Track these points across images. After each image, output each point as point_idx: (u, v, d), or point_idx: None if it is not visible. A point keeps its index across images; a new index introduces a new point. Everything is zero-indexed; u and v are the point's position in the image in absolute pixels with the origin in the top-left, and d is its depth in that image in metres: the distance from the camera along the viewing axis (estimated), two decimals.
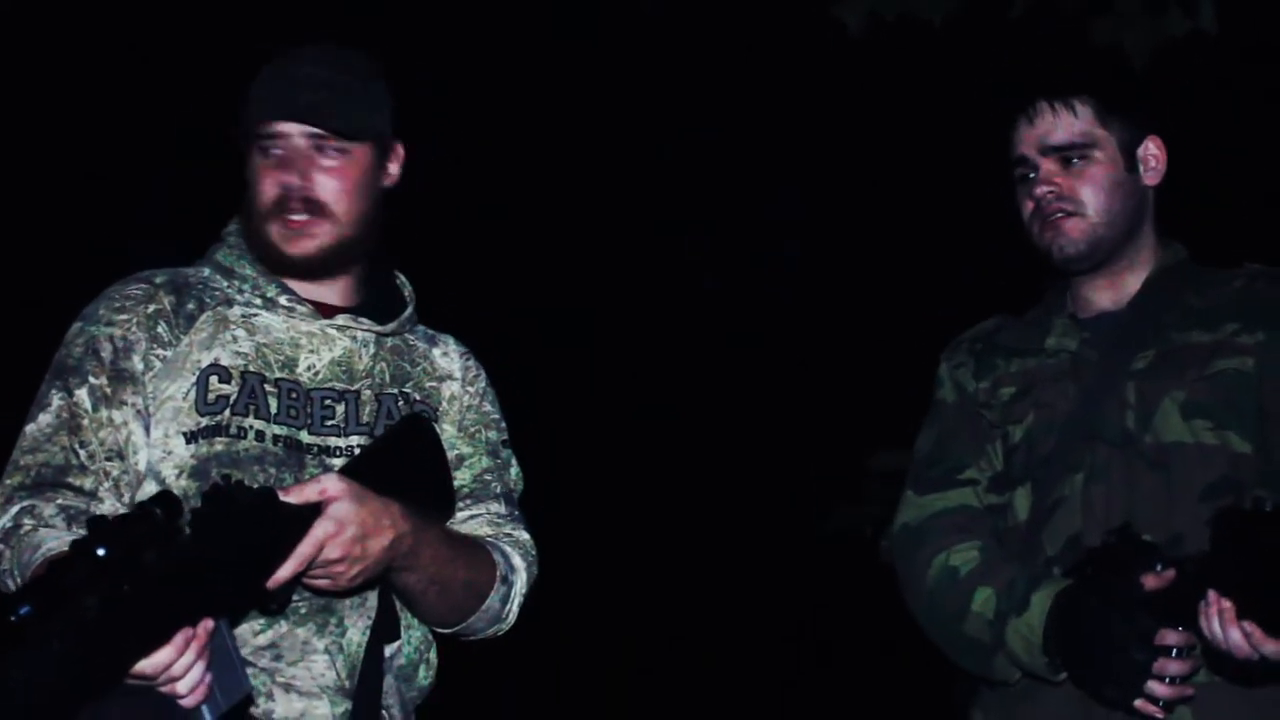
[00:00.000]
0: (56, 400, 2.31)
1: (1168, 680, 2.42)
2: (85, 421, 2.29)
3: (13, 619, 1.81)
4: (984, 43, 4.34)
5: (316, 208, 2.39)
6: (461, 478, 2.49)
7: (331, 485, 2.14)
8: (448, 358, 2.56)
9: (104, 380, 2.31)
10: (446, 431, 2.49)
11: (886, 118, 7.06)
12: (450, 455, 2.48)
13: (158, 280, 2.41)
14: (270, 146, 2.38)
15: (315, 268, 2.42)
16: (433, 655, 2.48)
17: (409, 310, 2.54)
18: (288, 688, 2.29)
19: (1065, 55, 3.87)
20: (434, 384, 2.52)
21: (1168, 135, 2.77)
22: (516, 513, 2.53)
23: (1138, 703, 2.43)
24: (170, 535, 1.94)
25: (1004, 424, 2.73)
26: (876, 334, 7.36)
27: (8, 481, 2.28)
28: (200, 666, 1.97)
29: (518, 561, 2.46)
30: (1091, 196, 2.68)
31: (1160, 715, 2.43)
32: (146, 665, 1.92)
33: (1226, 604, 2.30)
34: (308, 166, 2.38)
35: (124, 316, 2.36)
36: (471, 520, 2.47)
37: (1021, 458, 2.70)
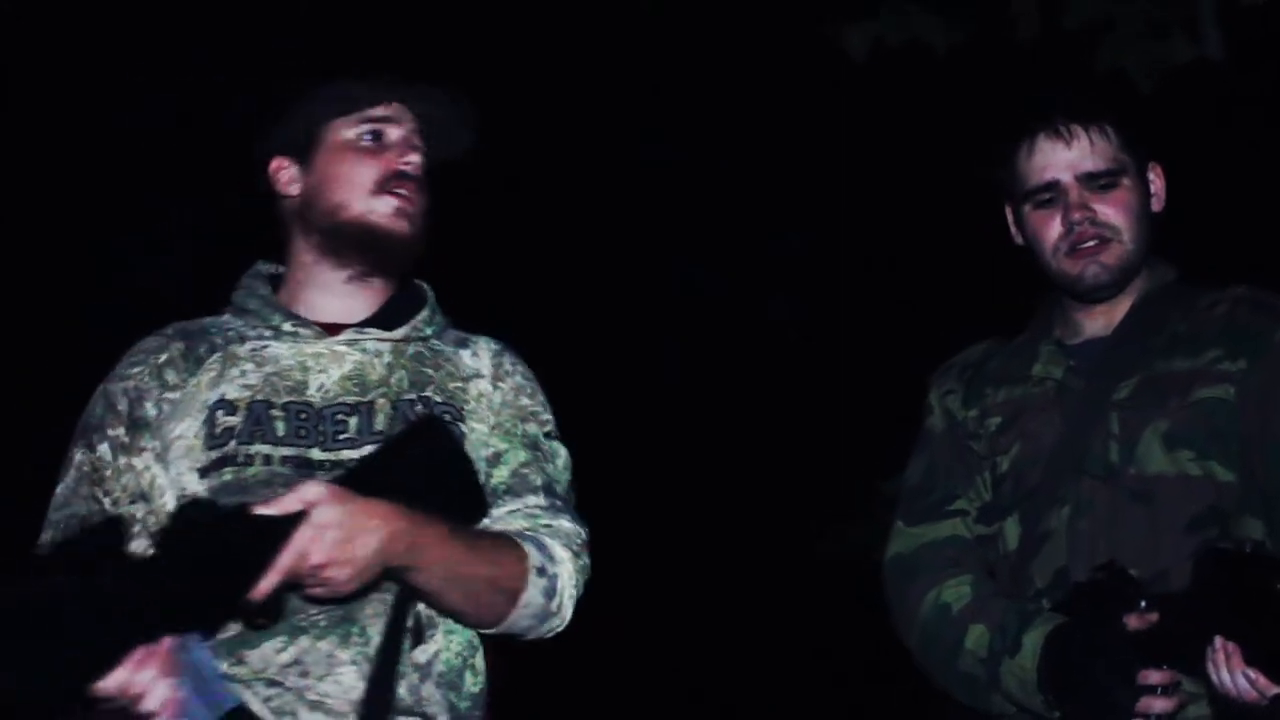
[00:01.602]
0: (79, 457, 2.38)
1: (1154, 718, 2.41)
2: (108, 472, 2.36)
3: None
4: (990, 69, 4.34)
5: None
6: (499, 475, 2.44)
7: (310, 491, 2.12)
8: (476, 357, 2.53)
9: (121, 431, 2.38)
10: (476, 430, 2.45)
11: (890, 143, 7.06)
12: (485, 453, 2.44)
13: (169, 331, 2.47)
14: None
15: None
16: (479, 661, 2.42)
17: (422, 314, 2.52)
18: (318, 705, 2.27)
19: (1084, 81, 3.88)
20: (459, 384, 2.48)
21: (1165, 162, 2.76)
22: (559, 503, 2.44)
23: None
24: (123, 557, 2.00)
25: (992, 454, 2.72)
26: (888, 356, 7.35)
27: (42, 539, 2.34)
28: (165, 683, 1.99)
29: (560, 552, 2.37)
30: (1125, 222, 2.66)
31: None
32: (108, 685, 1.96)
33: (1233, 649, 2.29)
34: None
35: (137, 369, 2.42)
36: (510, 515, 2.41)
37: (1009, 488, 2.69)
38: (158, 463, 2.36)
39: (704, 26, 6.80)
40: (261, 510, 2.09)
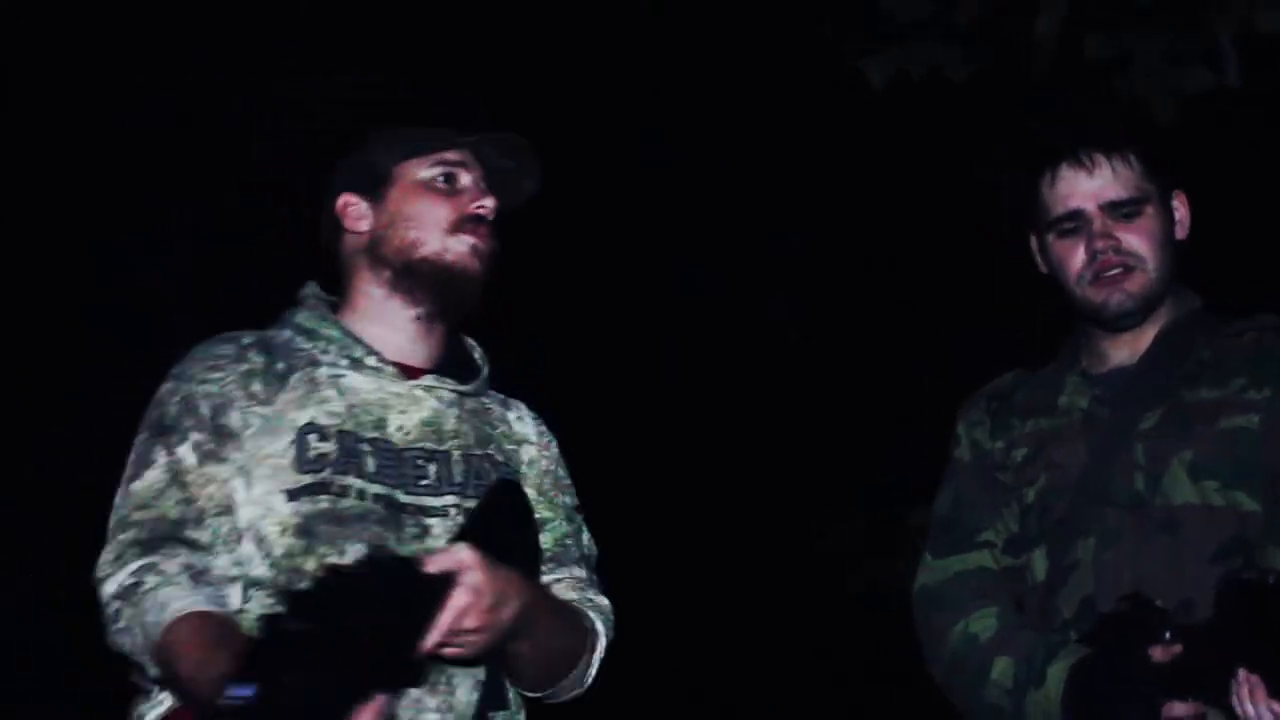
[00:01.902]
0: (161, 457, 2.33)
1: None
2: (191, 478, 2.31)
3: (223, 700, 1.85)
4: (1009, 98, 4.34)
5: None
6: (544, 541, 2.50)
7: (466, 555, 2.14)
8: (522, 421, 2.60)
9: (205, 436, 2.34)
10: (528, 494, 2.50)
11: (892, 145, 7.06)
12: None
13: (245, 341, 2.44)
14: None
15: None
16: (522, 718, 2.48)
17: (485, 371, 2.58)
18: None
19: (1106, 109, 3.87)
20: (513, 447, 2.54)
21: (1190, 190, 2.76)
22: (594, 577, 2.55)
23: None
24: (340, 607, 1.95)
25: (1018, 485, 2.72)
26: (888, 356, 7.36)
27: (121, 538, 2.29)
28: None
29: (600, 628, 2.48)
30: (1149, 251, 2.65)
31: None
32: None
33: (1257, 681, 2.29)
34: None
35: (218, 374, 2.39)
36: (556, 585, 2.48)
37: (1035, 519, 2.69)
38: (239, 476, 2.33)
39: (704, 27, 6.81)
40: (421, 569, 2.10)
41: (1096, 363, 2.75)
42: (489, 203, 2.49)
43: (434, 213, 2.47)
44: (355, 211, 2.52)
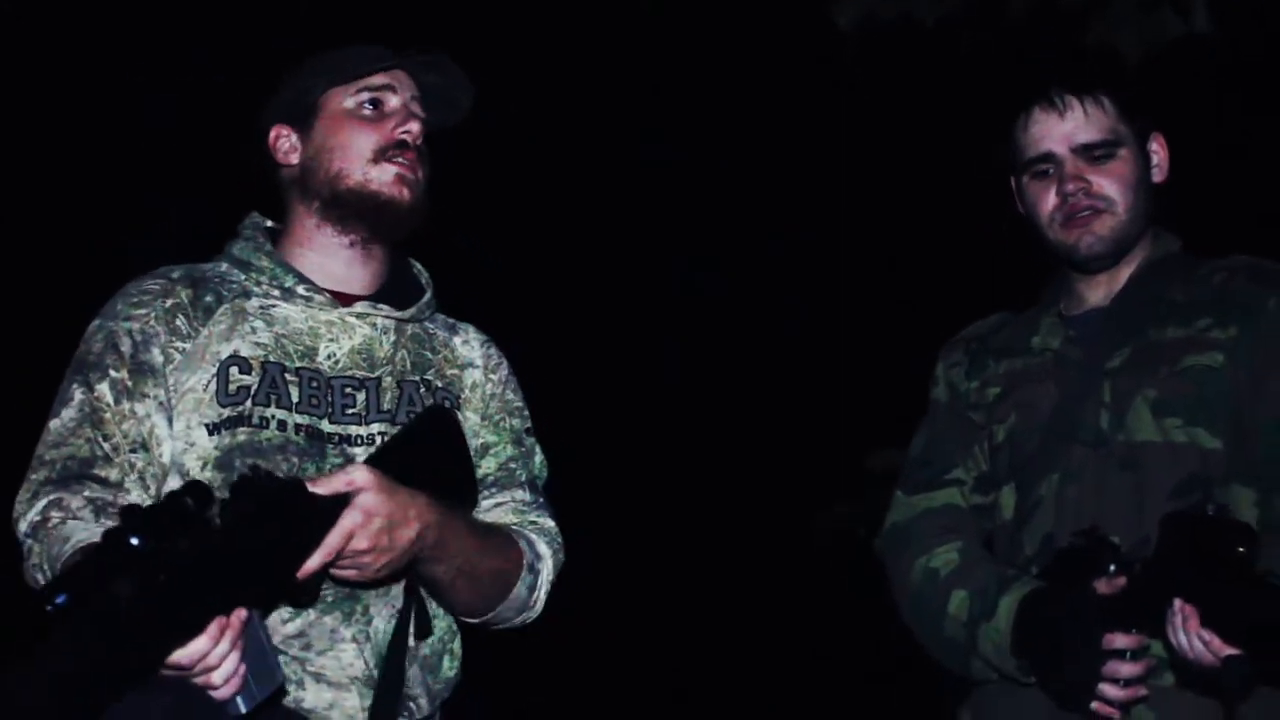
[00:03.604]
0: (78, 395, 2.32)
1: (1121, 683, 2.43)
2: (108, 415, 2.30)
3: (49, 609, 1.80)
4: (980, 44, 4.34)
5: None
6: (486, 466, 2.49)
7: (359, 476, 2.14)
8: (468, 345, 2.57)
9: (124, 374, 2.32)
10: (469, 420, 2.50)
11: (881, 118, 7.06)
12: (474, 443, 2.48)
13: (174, 275, 2.43)
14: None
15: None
16: (456, 645, 2.46)
17: (427, 296, 2.55)
18: (317, 677, 2.29)
19: (1077, 53, 3.88)
20: (455, 371, 2.53)
21: (1168, 132, 2.76)
22: (541, 500, 2.53)
23: (1094, 705, 2.44)
24: (201, 525, 1.93)
25: (989, 424, 2.74)
26: (875, 333, 7.36)
27: (33, 477, 2.28)
28: (235, 656, 1.96)
29: (543, 549, 2.45)
30: (1120, 193, 2.66)
31: (1116, 716, 2.44)
32: (182, 655, 1.92)
33: (1190, 611, 2.30)
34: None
35: (142, 311, 2.37)
36: (497, 508, 2.47)
37: (1005, 458, 2.71)
38: (159, 412, 2.32)
39: (704, 26, 6.81)
40: (312, 489, 2.09)
41: (1074, 303, 2.76)
42: (414, 127, 2.47)
43: (357, 141, 2.46)
44: (286, 144, 2.51)
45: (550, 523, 2.50)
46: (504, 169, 7.41)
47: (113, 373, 2.32)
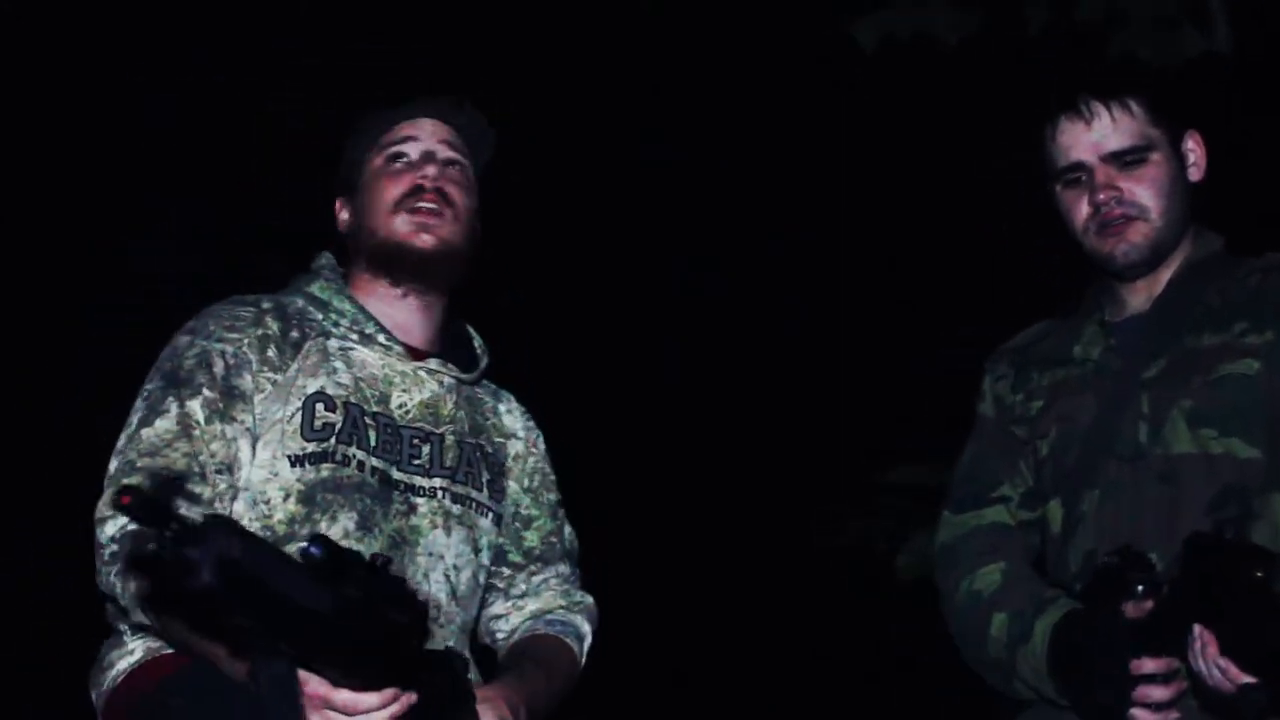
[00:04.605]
0: (174, 408, 2.35)
1: (1154, 707, 2.41)
2: (197, 433, 2.34)
3: (310, 551, 1.82)
4: (1000, 61, 4.33)
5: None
6: (531, 539, 2.62)
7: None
8: (511, 415, 2.67)
9: (216, 394, 2.36)
10: (511, 489, 2.61)
11: (881, 118, 7.06)
12: (519, 513, 2.61)
13: (264, 305, 2.49)
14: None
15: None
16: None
17: (485, 362, 2.64)
18: None
19: (1103, 60, 3.86)
20: (501, 440, 2.62)
21: (1203, 129, 2.72)
22: (578, 572, 2.66)
23: None
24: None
25: (1033, 438, 2.72)
26: (875, 333, 7.36)
27: (125, 482, 2.28)
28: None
29: (586, 629, 2.61)
30: (1153, 199, 2.62)
31: None
32: (352, 699, 1.95)
33: (1209, 637, 2.29)
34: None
35: (235, 335, 2.42)
36: (542, 585, 2.60)
37: (1049, 472, 2.69)
38: (245, 437, 2.37)
39: (704, 26, 6.80)
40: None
41: (1115, 310, 2.73)
42: (430, 170, 2.53)
43: (380, 196, 2.54)
44: (344, 214, 2.62)
45: (589, 599, 2.64)
46: (503, 169, 7.40)
47: (206, 391, 2.36)
